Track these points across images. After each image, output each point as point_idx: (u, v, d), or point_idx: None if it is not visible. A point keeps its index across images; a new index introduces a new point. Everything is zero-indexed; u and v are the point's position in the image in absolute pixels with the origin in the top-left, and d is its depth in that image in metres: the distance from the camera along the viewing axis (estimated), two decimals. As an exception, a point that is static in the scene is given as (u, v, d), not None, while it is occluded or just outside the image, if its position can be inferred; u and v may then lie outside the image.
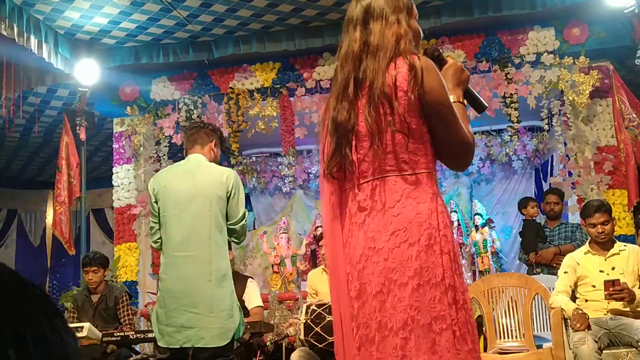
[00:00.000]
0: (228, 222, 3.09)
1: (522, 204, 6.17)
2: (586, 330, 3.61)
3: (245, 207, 3.20)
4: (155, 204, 3.15)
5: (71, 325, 3.15)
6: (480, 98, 2.01)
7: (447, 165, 1.83)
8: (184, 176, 3.12)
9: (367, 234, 1.73)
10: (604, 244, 4.01)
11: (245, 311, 4.42)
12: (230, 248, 4.65)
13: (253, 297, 4.56)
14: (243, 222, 3.12)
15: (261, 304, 4.57)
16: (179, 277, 3.00)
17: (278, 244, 7.50)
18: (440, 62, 1.85)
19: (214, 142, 3.26)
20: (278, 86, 6.52)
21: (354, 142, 1.77)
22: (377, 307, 1.67)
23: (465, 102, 1.88)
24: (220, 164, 3.34)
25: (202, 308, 2.91)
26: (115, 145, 7.05)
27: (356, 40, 1.80)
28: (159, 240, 3.14)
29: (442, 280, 1.65)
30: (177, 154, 7.74)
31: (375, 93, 1.71)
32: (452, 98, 1.76)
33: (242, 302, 4.50)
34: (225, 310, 2.94)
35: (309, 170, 8.50)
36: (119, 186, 6.93)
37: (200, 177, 3.09)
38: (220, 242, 3.03)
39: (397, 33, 1.77)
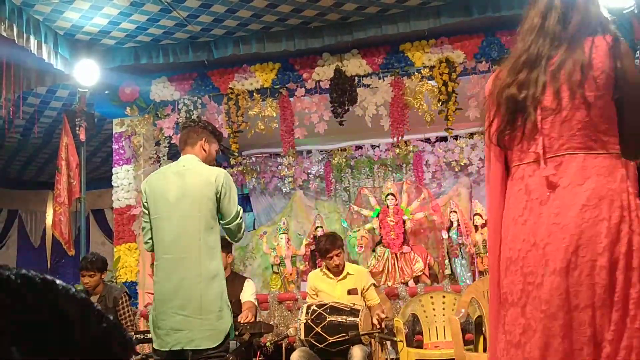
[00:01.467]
0: (222, 222, 3.08)
1: None
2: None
3: (245, 208, 3.20)
4: (146, 204, 3.17)
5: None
6: None
7: (623, 151, 1.74)
8: (174, 177, 3.12)
9: (550, 209, 1.69)
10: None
11: (239, 311, 4.42)
12: (230, 251, 4.67)
13: (246, 293, 4.55)
14: (238, 220, 3.09)
15: (252, 300, 4.54)
16: (168, 279, 3.00)
17: (278, 244, 7.50)
18: None
19: (204, 139, 3.19)
20: (278, 86, 6.52)
21: (538, 117, 1.72)
22: (561, 284, 1.64)
23: None
24: (218, 161, 3.35)
25: (191, 310, 2.91)
26: (115, 146, 7.05)
27: (541, 14, 1.78)
28: (150, 241, 3.16)
29: (625, 261, 1.62)
30: (177, 154, 7.73)
31: (568, 69, 1.68)
32: None
33: (239, 301, 4.51)
34: (214, 312, 2.93)
35: (309, 171, 8.51)
36: (118, 187, 6.93)
37: (189, 178, 3.08)
38: (210, 243, 3.01)
39: (595, 12, 1.75)
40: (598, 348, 1.61)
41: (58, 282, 0.58)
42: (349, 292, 4.33)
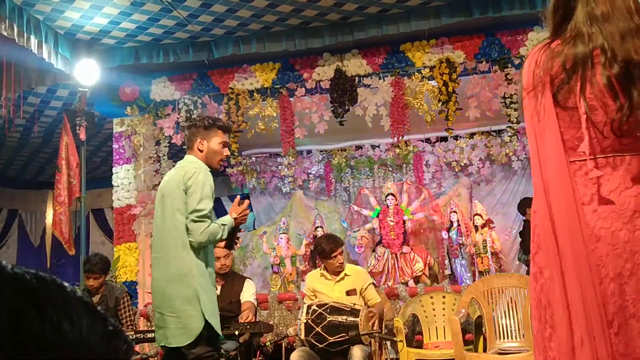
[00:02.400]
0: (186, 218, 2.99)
1: (527, 203, 6.13)
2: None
3: (249, 209, 3.16)
4: None
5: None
6: None
7: None
8: (166, 177, 3.24)
9: (600, 214, 1.62)
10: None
11: (239, 311, 4.43)
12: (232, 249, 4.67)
13: (246, 293, 4.55)
14: (194, 217, 2.92)
15: (252, 300, 4.54)
16: (153, 278, 3.16)
17: (278, 244, 7.50)
18: None
19: (199, 139, 3.14)
20: (278, 86, 6.53)
21: (584, 116, 1.61)
22: (616, 291, 1.58)
23: None
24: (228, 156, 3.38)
25: (165, 308, 2.98)
26: (115, 146, 7.06)
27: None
28: None
29: None
30: (177, 154, 7.74)
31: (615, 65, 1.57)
32: None
33: (239, 301, 4.51)
34: (185, 310, 2.91)
35: (309, 171, 8.51)
36: (118, 186, 6.93)
37: (168, 177, 3.17)
38: (185, 239, 2.98)
39: None
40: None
41: (65, 283, 0.59)
42: (348, 293, 4.33)
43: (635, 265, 1.58)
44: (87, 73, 6.05)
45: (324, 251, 4.38)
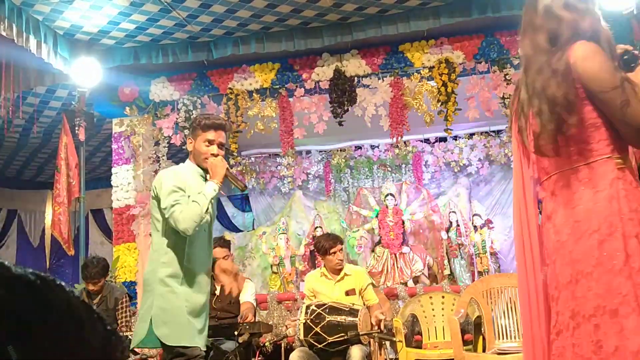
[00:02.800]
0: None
1: None
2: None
3: (244, 208, 3.15)
4: None
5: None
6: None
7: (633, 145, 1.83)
8: None
9: (555, 227, 1.82)
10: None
11: (238, 311, 4.43)
12: (229, 249, 4.67)
13: (245, 294, 4.55)
14: (166, 214, 2.81)
15: (251, 300, 4.55)
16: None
17: (277, 244, 7.51)
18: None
19: (189, 140, 3.07)
20: (277, 87, 6.53)
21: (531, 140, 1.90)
22: (570, 296, 1.76)
23: None
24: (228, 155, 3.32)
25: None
26: (114, 146, 7.05)
27: None
28: None
29: (624, 265, 1.69)
30: (176, 154, 7.75)
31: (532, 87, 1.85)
32: None
33: (238, 302, 4.51)
34: (141, 315, 2.87)
35: (308, 171, 8.51)
36: (117, 186, 6.92)
37: None
38: (155, 246, 2.92)
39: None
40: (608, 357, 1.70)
41: (64, 283, 0.59)
42: (347, 293, 4.33)
43: (579, 272, 1.76)
44: (87, 73, 6.05)
45: (324, 248, 4.41)
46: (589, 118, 1.75)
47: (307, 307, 4.06)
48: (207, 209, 2.81)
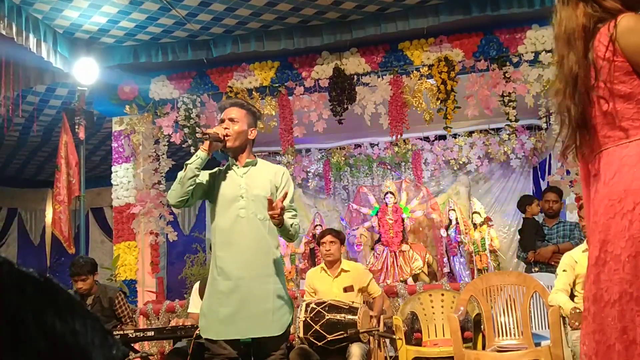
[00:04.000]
0: None
1: (527, 201, 6.14)
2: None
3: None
4: None
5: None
6: None
7: None
8: None
9: (593, 207, 1.73)
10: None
11: None
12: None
13: None
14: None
15: None
16: None
17: (277, 242, 7.50)
18: None
19: None
20: (277, 85, 6.53)
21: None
22: (593, 280, 1.66)
23: None
24: (218, 160, 3.41)
25: None
26: (114, 144, 7.06)
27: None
28: None
29: None
30: (176, 152, 7.76)
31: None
32: None
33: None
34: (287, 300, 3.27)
35: (308, 169, 8.52)
36: (118, 185, 6.93)
37: None
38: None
39: None
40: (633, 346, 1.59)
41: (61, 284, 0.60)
42: (345, 290, 4.34)
43: (608, 253, 1.64)
44: (86, 72, 6.06)
45: (317, 236, 4.47)
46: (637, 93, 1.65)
47: (307, 305, 4.07)
48: (183, 176, 2.97)
